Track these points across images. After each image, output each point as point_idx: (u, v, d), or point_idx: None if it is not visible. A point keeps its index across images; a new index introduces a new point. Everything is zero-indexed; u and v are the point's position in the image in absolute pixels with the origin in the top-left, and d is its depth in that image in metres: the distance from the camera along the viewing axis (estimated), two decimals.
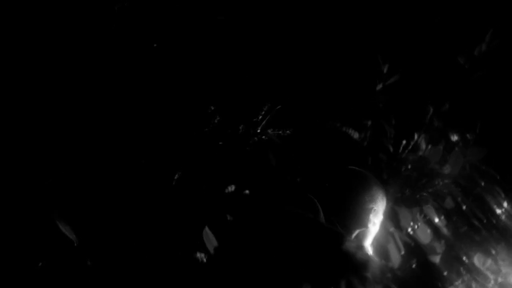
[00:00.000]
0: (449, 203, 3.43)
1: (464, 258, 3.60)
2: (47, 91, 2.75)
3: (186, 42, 2.98)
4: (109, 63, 2.85)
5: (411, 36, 3.38)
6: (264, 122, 2.99)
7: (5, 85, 2.69)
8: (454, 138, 3.35)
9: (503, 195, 3.64)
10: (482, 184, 3.53)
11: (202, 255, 2.79)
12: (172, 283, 2.73)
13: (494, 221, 3.65)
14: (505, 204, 3.67)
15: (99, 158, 2.77)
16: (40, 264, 2.54)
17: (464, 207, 3.51)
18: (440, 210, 3.40)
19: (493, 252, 3.66)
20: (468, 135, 3.33)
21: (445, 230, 3.49)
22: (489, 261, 3.60)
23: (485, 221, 3.61)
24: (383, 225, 2.86)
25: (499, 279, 3.61)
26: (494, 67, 3.40)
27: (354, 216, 2.14)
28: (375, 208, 2.18)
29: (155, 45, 2.93)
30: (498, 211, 3.67)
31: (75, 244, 2.49)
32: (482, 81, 3.41)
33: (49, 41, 2.76)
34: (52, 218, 2.50)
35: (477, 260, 3.59)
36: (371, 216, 2.17)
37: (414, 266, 3.47)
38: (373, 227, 2.20)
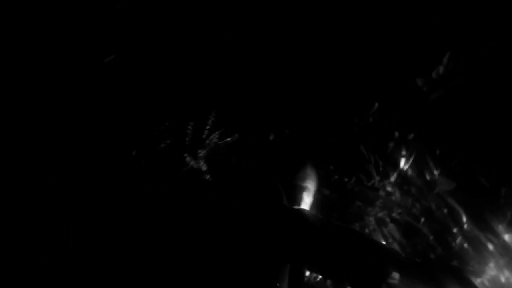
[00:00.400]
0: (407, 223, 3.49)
1: None
2: (47, 91, 2.73)
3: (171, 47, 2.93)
4: (108, 63, 2.82)
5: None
6: (212, 138, 2.97)
7: (5, 85, 2.68)
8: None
9: (464, 219, 3.69)
10: (445, 211, 3.57)
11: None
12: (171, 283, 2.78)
13: (453, 244, 3.72)
14: (465, 226, 3.73)
15: (98, 158, 2.79)
16: (38, 264, 2.58)
17: (424, 230, 3.57)
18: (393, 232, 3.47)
19: None
20: (435, 172, 3.34)
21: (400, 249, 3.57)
22: None
23: (441, 240, 3.68)
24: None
25: None
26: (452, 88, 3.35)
27: (287, 194, 2.15)
28: (308, 186, 2.20)
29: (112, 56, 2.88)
30: (456, 231, 3.73)
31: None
32: (440, 103, 3.37)
33: (49, 41, 2.73)
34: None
35: None
36: (304, 195, 2.20)
37: None
38: (305, 206, 2.21)
